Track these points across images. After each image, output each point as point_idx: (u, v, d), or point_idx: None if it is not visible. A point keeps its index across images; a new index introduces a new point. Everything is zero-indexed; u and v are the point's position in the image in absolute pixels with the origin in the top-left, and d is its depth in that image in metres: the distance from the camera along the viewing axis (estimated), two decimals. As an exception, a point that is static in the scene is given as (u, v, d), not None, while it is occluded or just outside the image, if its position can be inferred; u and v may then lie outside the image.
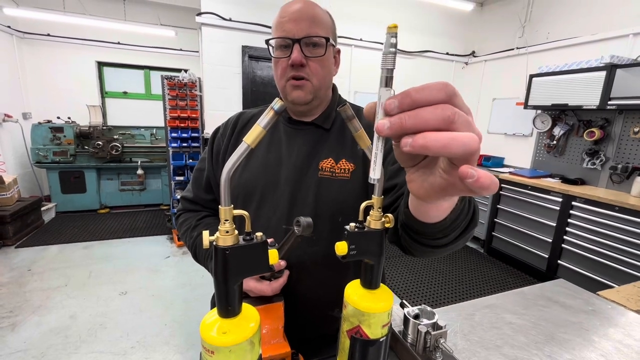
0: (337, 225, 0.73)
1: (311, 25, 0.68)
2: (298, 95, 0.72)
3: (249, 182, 0.78)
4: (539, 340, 0.81)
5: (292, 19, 0.68)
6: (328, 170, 0.75)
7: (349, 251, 0.43)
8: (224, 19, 3.32)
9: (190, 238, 0.81)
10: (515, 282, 3.03)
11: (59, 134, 4.07)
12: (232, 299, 0.37)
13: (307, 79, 0.71)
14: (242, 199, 0.79)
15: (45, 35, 4.33)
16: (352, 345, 0.46)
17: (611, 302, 1.00)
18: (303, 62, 0.68)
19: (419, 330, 0.67)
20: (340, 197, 0.74)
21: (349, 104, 0.40)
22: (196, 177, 0.90)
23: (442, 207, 0.40)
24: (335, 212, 0.73)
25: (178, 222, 0.90)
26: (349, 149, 0.78)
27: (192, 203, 0.90)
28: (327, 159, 0.76)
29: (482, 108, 4.37)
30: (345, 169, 0.75)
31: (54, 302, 2.40)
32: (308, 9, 0.70)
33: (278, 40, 0.69)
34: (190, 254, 0.84)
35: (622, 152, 2.83)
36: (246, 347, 0.37)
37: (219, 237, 0.36)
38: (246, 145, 0.35)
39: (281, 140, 0.81)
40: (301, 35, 0.68)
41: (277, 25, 0.71)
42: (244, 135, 0.83)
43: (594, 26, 3.11)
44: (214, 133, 0.88)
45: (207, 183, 0.87)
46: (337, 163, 0.76)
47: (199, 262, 0.82)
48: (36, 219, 3.77)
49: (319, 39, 0.69)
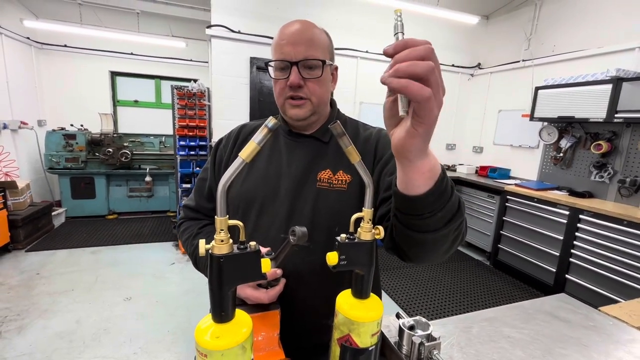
0: (334, 236, 0.74)
1: (308, 48, 0.72)
2: (296, 113, 0.77)
3: (249, 193, 0.80)
4: (536, 355, 0.80)
5: (290, 42, 0.72)
6: (326, 182, 0.78)
7: (339, 261, 0.44)
8: (232, 31, 3.42)
9: (191, 246, 0.84)
10: (522, 295, 2.97)
11: (71, 141, 4.19)
12: (226, 305, 0.39)
13: (305, 98, 0.75)
14: (242, 209, 0.81)
15: (62, 46, 4.51)
16: (342, 353, 0.47)
17: (613, 318, 0.98)
18: (301, 84, 0.73)
19: (412, 342, 0.68)
20: (337, 207, 0.76)
21: (339, 122, 0.43)
22: (199, 186, 0.92)
23: (421, 169, 0.44)
24: (332, 223, 0.75)
25: (180, 230, 0.92)
26: (346, 161, 0.79)
27: (194, 211, 0.92)
28: (325, 170, 0.79)
29: (488, 119, 4.37)
30: (342, 180, 0.78)
31: (60, 306, 2.43)
32: (305, 31, 0.74)
33: (277, 62, 0.74)
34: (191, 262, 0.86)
35: (631, 165, 2.79)
36: (238, 351, 0.39)
37: (214, 246, 0.38)
38: (241, 160, 0.37)
39: (281, 152, 0.84)
40: (299, 58, 0.72)
41: (276, 48, 0.74)
42: (245, 145, 0.86)
43: (600, 39, 3.12)
44: (217, 144, 0.92)
45: (209, 192, 0.90)
46: (335, 174, 0.78)
47: (199, 270, 0.83)
48: (47, 224, 3.85)
49: (315, 62, 0.73)
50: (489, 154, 4.38)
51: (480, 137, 4.51)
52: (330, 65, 0.79)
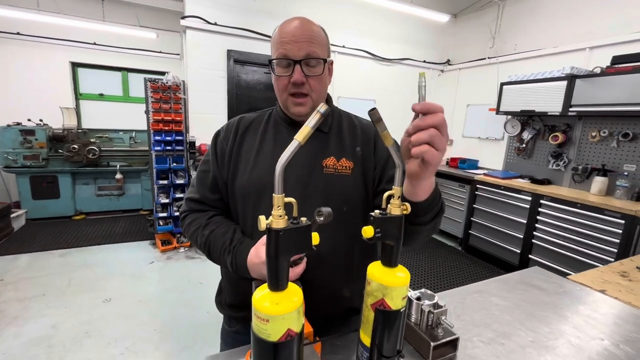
0: (343, 216, 0.82)
1: (310, 46, 0.76)
2: (299, 111, 0.82)
3: (261, 180, 0.83)
4: (521, 318, 0.91)
5: (293, 40, 0.75)
6: (332, 168, 0.84)
7: (374, 234, 0.50)
8: (209, 22, 3.33)
9: (202, 236, 0.84)
10: (491, 276, 3.21)
11: (30, 137, 3.88)
12: (282, 274, 0.44)
13: (307, 95, 0.80)
14: (254, 196, 0.83)
15: (14, 34, 4.13)
16: (377, 316, 0.53)
17: (579, 284, 1.13)
18: (303, 81, 0.77)
19: (422, 310, 0.75)
20: (344, 190, 0.83)
21: (377, 109, 0.48)
22: (201, 178, 0.91)
23: (425, 187, 0.59)
24: (341, 205, 0.82)
25: (185, 223, 0.90)
26: (347, 149, 0.87)
27: (199, 203, 0.91)
28: (329, 157, 0.85)
29: (457, 113, 4.62)
30: (346, 166, 0.85)
31: (31, 312, 2.29)
32: (307, 29, 0.77)
33: (280, 60, 0.77)
34: (202, 253, 0.86)
35: (583, 154, 3.10)
36: (295, 315, 0.44)
37: (273, 221, 0.42)
38: (297, 143, 0.42)
39: (286, 141, 0.87)
40: (301, 56, 0.76)
41: (278, 45, 0.77)
42: (247, 138, 0.87)
43: (556, 39, 3.41)
44: (215, 137, 0.92)
45: (213, 183, 0.89)
46: (339, 161, 0.85)
47: (212, 259, 0.84)
48: (5, 227, 3.56)
49: (316, 60, 0.78)
50: (459, 146, 4.64)
51: (451, 130, 4.75)
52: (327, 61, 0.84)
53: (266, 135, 0.88)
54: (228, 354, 0.72)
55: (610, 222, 2.48)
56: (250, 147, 0.86)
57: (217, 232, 0.81)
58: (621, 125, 2.80)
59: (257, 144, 0.87)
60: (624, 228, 2.39)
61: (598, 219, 2.55)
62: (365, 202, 0.87)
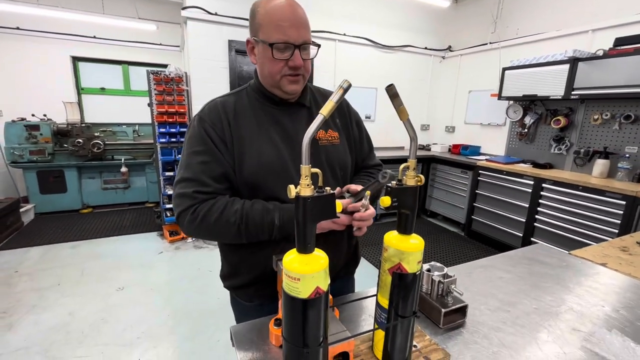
0: (339, 180, 0.95)
1: (306, 32, 0.82)
2: (294, 89, 0.87)
3: (273, 160, 0.85)
4: (526, 289, 0.96)
5: (293, 25, 0.78)
6: (325, 139, 0.94)
7: (392, 203, 0.54)
8: (209, 13, 3.32)
9: (235, 212, 0.80)
10: (494, 260, 3.28)
11: (34, 132, 3.91)
12: (310, 238, 0.48)
13: (301, 75, 0.85)
14: (272, 176, 0.85)
15: (14, 28, 4.12)
16: (394, 279, 0.57)
17: (581, 258, 1.18)
18: (302, 65, 0.83)
19: (432, 280, 0.80)
20: (339, 158, 0.95)
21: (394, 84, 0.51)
22: (202, 169, 0.84)
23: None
24: (338, 170, 0.95)
25: (198, 215, 0.81)
26: (330, 121, 0.98)
27: (208, 195, 0.84)
28: (319, 130, 0.86)
29: (459, 100, 4.62)
30: (334, 136, 0.96)
31: (48, 301, 2.37)
32: (303, 15, 0.81)
33: (279, 43, 0.79)
34: (232, 233, 0.81)
35: (584, 137, 3.12)
36: (322, 274, 0.48)
37: (302, 189, 0.46)
38: (322, 117, 0.46)
39: (282, 121, 0.91)
40: (300, 41, 0.80)
41: (277, 28, 0.78)
42: (241, 122, 0.88)
43: (558, 22, 3.39)
44: (199, 124, 0.85)
45: (220, 172, 0.85)
46: (327, 132, 0.95)
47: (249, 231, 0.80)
48: (15, 221, 3.63)
49: (313, 46, 0.84)
50: (461, 133, 4.65)
51: (452, 117, 4.77)
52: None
53: (260, 119, 0.89)
54: (252, 323, 0.76)
55: (611, 204, 2.52)
56: (249, 132, 0.86)
57: (248, 203, 0.82)
58: (623, 107, 2.81)
59: (255, 128, 0.87)
60: (625, 209, 2.43)
61: (599, 200, 2.59)
62: (352, 166, 1.02)
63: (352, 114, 1.05)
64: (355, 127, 1.04)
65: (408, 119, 0.53)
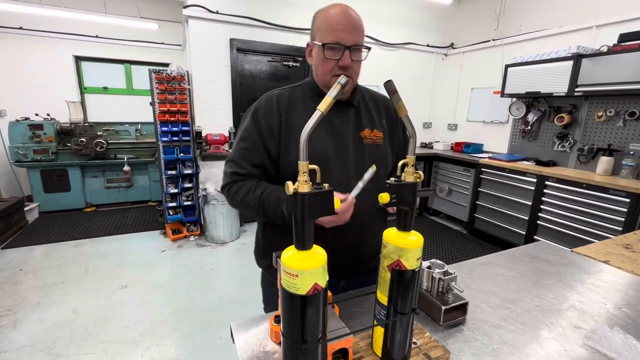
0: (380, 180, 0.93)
1: (358, 35, 0.86)
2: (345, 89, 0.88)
3: (322, 152, 0.91)
4: (527, 286, 0.96)
5: (345, 29, 0.84)
6: (369, 138, 0.98)
7: (390, 199, 0.54)
8: (211, 11, 3.32)
9: (255, 197, 0.89)
10: (497, 258, 3.27)
11: (38, 131, 3.93)
12: (308, 234, 0.48)
13: (350, 77, 0.88)
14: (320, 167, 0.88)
15: (17, 28, 4.15)
16: (393, 276, 0.57)
17: (583, 256, 1.17)
18: (351, 65, 0.87)
19: (433, 277, 0.80)
20: (382, 157, 0.99)
21: (392, 80, 0.51)
22: (242, 155, 0.95)
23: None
24: (380, 170, 0.92)
25: (231, 192, 0.94)
26: (376, 121, 1.01)
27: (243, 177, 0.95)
28: (365, 129, 0.98)
29: (462, 97, 4.59)
30: (378, 136, 0.99)
31: (52, 298, 2.39)
32: (356, 19, 0.86)
33: (330, 44, 0.85)
34: (253, 212, 0.91)
35: (588, 135, 3.10)
36: (321, 271, 0.48)
37: (299, 186, 0.46)
38: (320, 113, 0.45)
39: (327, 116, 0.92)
40: (351, 43, 0.85)
41: (331, 31, 0.85)
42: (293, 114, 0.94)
43: (562, 19, 3.36)
44: (254, 114, 0.95)
45: (257, 159, 0.94)
46: (372, 132, 0.99)
47: (266, 215, 0.88)
48: (20, 220, 3.66)
49: (364, 49, 0.88)
50: (463, 131, 4.63)
51: (455, 114, 4.74)
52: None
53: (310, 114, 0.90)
54: (252, 320, 0.77)
55: (615, 201, 2.50)
56: (298, 125, 0.88)
57: (270, 188, 0.89)
58: (627, 104, 2.78)
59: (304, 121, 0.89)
60: (629, 206, 2.41)
61: (603, 198, 2.57)
62: (392, 166, 1.04)
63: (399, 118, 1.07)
64: (401, 132, 1.07)
65: (407, 115, 0.53)
